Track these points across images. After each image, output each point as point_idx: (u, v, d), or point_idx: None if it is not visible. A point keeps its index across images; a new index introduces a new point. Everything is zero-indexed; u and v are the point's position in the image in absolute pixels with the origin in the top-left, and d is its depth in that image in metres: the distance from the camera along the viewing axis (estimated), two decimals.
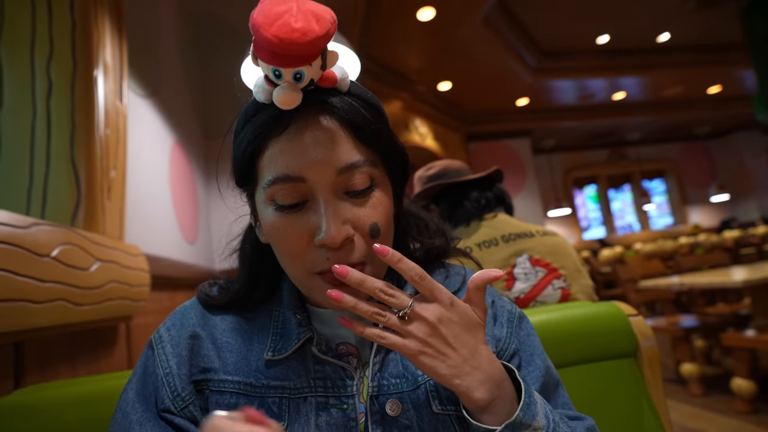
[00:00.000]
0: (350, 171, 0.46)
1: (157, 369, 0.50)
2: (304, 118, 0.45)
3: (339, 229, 0.44)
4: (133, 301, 1.14)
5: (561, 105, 7.29)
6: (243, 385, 0.49)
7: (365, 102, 0.49)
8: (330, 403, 0.48)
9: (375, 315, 0.43)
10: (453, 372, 0.43)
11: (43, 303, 0.76)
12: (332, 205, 0.45)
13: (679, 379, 3.03)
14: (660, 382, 0.81)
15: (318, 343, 0.50)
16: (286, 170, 0.45)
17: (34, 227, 0.76)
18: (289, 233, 0.46)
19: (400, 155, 0.53)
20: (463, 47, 4.94)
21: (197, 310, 0.55)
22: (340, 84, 0.46)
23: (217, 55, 2.58)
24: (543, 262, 1.01)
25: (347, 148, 0.46)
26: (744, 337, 2.37)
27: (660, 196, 10.00)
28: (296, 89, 0.42)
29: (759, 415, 2.35)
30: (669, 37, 5.57)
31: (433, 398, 0.49)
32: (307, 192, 0.46)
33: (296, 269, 0.48)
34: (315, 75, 0.43)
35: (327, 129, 0.45)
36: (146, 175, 1.60)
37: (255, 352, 0.51)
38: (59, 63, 1.01)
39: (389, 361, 0.51)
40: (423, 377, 0.50)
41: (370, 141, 0.48)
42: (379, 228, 0.48)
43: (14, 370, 0.79)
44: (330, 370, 0.49)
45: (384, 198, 0.49)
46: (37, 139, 0.98)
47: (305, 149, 0.45)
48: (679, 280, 2.84)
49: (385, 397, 0.48)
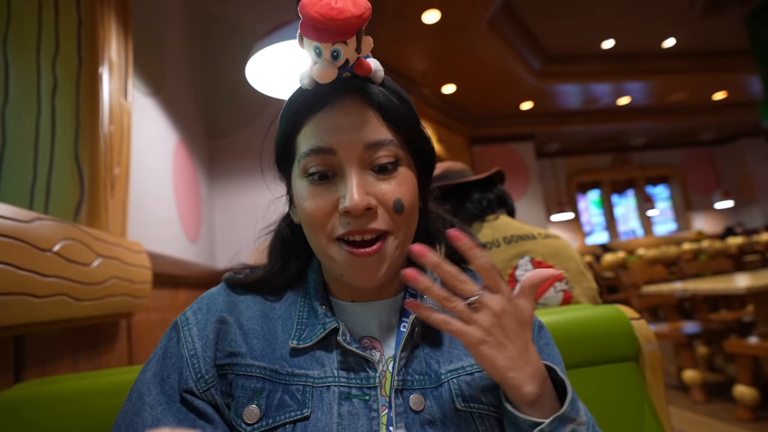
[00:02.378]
0: (377, 147, 0.49)
1: (182, 350, 0.50)
2: (339, 99, 0.50)
3: (362, 197, 0.47)
4: (134, 298, 1.14)
5: (565, 109, 7.29)
6: (268, 371, 0.50)
7: (397, 93, 0.53)
8: (353, 394, 0.49)
9: (444, 300, 0.45)
10: (509, 364, 0.45)
11: (45, 297, 0.77)
12: (358, 176, 0.48)
13: (681, 385, 3.01)
14: (662, 386, 0.81)
15: (344, 334, 0.51)
16: (319, 143, 0.49)
17: (36, 222, 0.77)
18: (317, 202, 0.49)
19: (426, 146, 0.56)
20: (468, 50, 4.95)
21: (224, 296, 0.56)
22: (374, 75, 0.51)
23: (222, 56, 2.59)
24: (545, 264, 1.01)
25: (376, 127, 0.50)
26: (747, 345, 2.35)
27: (664, 201, 9.97)
28: (332, 66, 0.48)
29: (761, 423, 2.33)
30: (674, 42, 5.56)
31: (456, 396, 0.50)
32: (337, 165, 0.49)
33: (319, 237, 0.50)
34: (350, 56, 0.48)
35: (358, 110, 0.50)
36: (150, 173, 1.60)
37: (280, 339, 0.52)
38: (65, 60, 1.02)
39: (414, 358, 0.52)
40: (446, 376, 0.51)
41: (398, 126, 0.51)
42: (403, 204, 0.50)
43: (15, 363, 0.79)
44: (353, 362, 0.50)
45: (409, 178, 0.52)
46: (41, 135, 0.99)
47: (337, 126, 0.49)
48: (682, 286, 2.82)
49: (409, 392, 0.49)
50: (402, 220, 0.50)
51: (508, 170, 7.34)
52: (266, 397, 0.48)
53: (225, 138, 2.53)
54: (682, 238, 9.18)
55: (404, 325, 0.53)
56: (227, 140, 2.53)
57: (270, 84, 1.58)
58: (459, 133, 6.87)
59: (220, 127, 2.53)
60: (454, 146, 6.59)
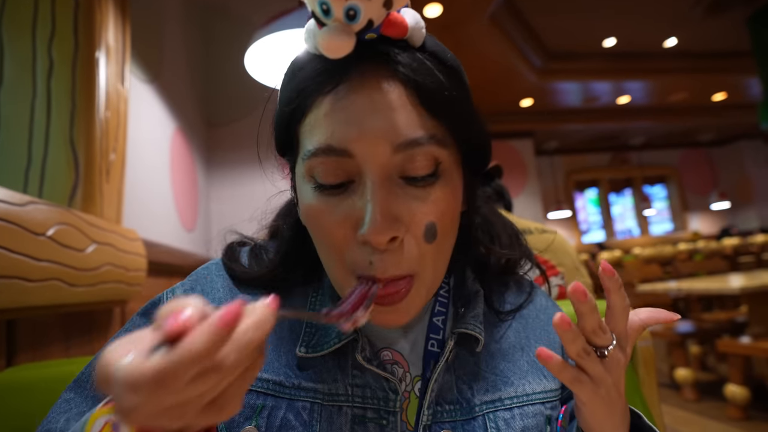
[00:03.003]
0: (410, 149, 0.36)
1: None
2: (360, 75, 0.36)
3: (386, 224, 0.35)
4: (128, 285, 1.13)
5: (565, 107, 7.28)
6: (271, 384, 0.42)
7: (442, 63, 0.39)
8: (368, 417, 0.41)
9: (583, 354, 0.35)
10: (612, 422, 0.37)
11: (38, 282, 0.76)
12: (382, 192, 0.36)
13: (673, 384, 3.03)
14: (654, 383, 0.81)
15: (362, 349, 0.42)
16: (330, 140, 0.36)
17: (30, 205, 0.76)
18: (328, 220, 0.38)
19: (479, 136, 0.43)
20: (469, 45, 4.92)
21: (224, 280, 0.47)
22: (411, 35, 0.36)
23: (221, 44, 2.57)
24: (541, 259, 1.01)
25: (410, 119, 0.36)
26: (739, 344, 2.37)
27: (661, 201, 10.00)
28: (348, 32, 0.32)
29: (752, 422, 2.36)
30: (676, 42, 5.55)
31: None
32: (354, 171, 0.37)
33: (334, 266, 0.40)
34: (375, 15, 0.32)
35: (387, 91, 0.36)
36: (146, 161, 1.59)
37: (286, 343, 0.44)
38: (61, 43, 1.01)
39: (443, 383, 0.44)
40: (480, 408, 0.43)
41: (441, 112, 0.38)
42: (437, 230, 0.38)
43: (6, 347, 0.79)
44: (371, 379, 0.42)
45: (449, 191, 0.39)
46: (36, 118, 0.98)
47: (356, 115, 0.36)
48: (676, 285, 2.84)
49: (439, 426, 0.42)
50: (432, 249, 0.39)
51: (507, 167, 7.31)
52: (267, 417, 0.40)
53: (223, 127, 2.52)
54: (678, 238, 9.22)
55: (432, 343, 0.45)
56: (225, 130, 2.52)
57: (269, 74, 1.57)
58: None
59: (218, 116, 2.52)
60: None
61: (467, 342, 0.46)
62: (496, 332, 0.48)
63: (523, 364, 0.47)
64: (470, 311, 0.46)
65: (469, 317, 0.45)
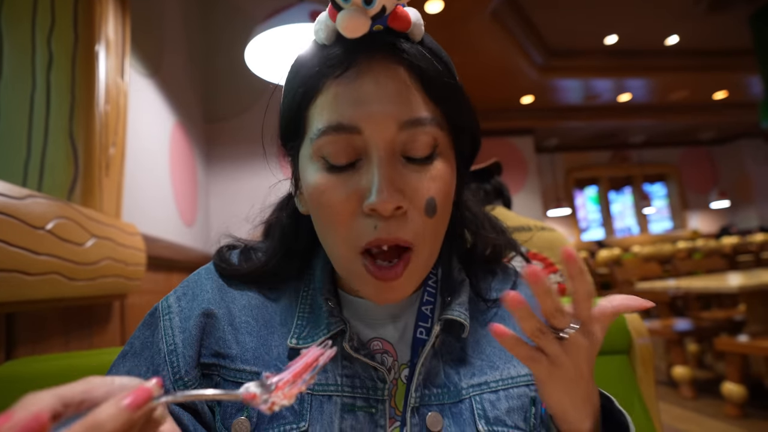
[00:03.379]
0: (414, 128, 0.40)
1: (160, 343, 0.44)
2: (368, 60, 0.39)
3: (392, 194, 0.38)
4: (128, 280, 1.13)
5: (566, 104, 7.27)
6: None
7: (438, 56, 0.43)
8: (357, 405, 0.43)
9: (538, 333, 0.36)
10: (575, 403, 0.38)
11: (37, 275, 0.76)
12: (388, 166, 0.39)
13: (670, 381, 3.05)
14: (652, 380, 0.81)
15: (350, 339, 0.44)
16: (341, 118, 0.39)
17: (29, 199, 0.76)
18: (335, 195, 0.40)
19: (471, 123, 0.47)
20: (471, 41, 4.91)
21: (213, 281, 0.48)
22: (413, 29, 0.40)
23: (221, 38, 2.56)
24: (540, 256, 1.01)
25: (414, 101, 0.40)
26: (737, 343, 2.38)
27: (660, 200, 10.00)
28: (365, 15, 0.36)
29: (748, 420, 2.37)
30: (677, 40, 5.54)
31: (479, 417, 0.44)
32: (361, 148, 0.40)
33: (339, 243, 0.42)
34: (388, 2, 0.37)
35: (393, 76, 0.40)
36: (146, 155, 1.59)
37: (277, 336, 0.46)
38: (60, 35, 1.00)
39: (431, 368, 0.46)
40: (467, 391, 0.45)
41: (440, 98, 0.42)
42: (437, 205, 0.41)
43: (6, 341, 0.79)
44: (360, 369, 0.44)
45: (446, 171, 0.43)
46: (35, 111, 0.97)
47: (364, 96, 0.39)
48: (675, 283, 2.84)
49: (426, 409, 0.43)
50: (431, 225, 0.42)
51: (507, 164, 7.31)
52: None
53: (223, 122, 2.51)
54: (677, 237, 9.23)
55: (421, 331, 0.47)
56: (226, 125, 2.51)
57: (269, 69, 1.57)
58: None
59: (218, 111, 2.51)
60: None
61: (454, 328, 0.48)
62: (482, 319, 0.51)
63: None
64: (456, 299, 0.48)
65: (455, 305, 0.47)
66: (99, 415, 0.24)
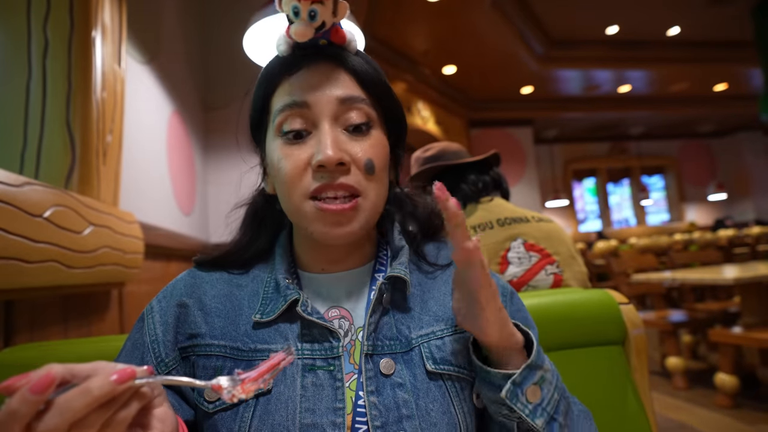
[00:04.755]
0: (350, 103, 0.51)
1: (144, 337, 0.51)
2: (315, 63, 0.52)
3: (336, 150, 0.48)
4: (126, 268, 1.14)
5: (565, 95, 7.23)
6: (230, 349, 0.50)
7: (369, 63, 0.54)
8: (317, 365, 0.49)
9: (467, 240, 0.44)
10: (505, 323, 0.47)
11: (35, 263, 0.76)
12: (332, 132, 0.49)
13: (664, 372, 3.08)
14: (646, 370, 0.82)
15: (303, 304, 0.51)
16: (295, 97, 0.50)
17: (26, 186, 0.76)
18: (291, 160, 0.50)
19: (398, 112, 0.57)
20: (471, 31, 4.87)
21: (186, 280, 0.56)
22: (349, 44, 0.53)
23: (219, 26, 2.53)
24: (537, 247, 1.01)
25: (350, 85, 0.51)
26: (731, 334, 2.40)
27: (658, 192, 10.01)
28: (310, 25, 0.49)
29: (740, 410, 2.40)
30: (679, 30, 5.50)
31: (427, 358, 0.51)
32: (310, 121, 0.50)
33: (293, 196, 0.50)
34: (327, 18, 0.50)
35: (333, 71, 0.51)
36: (143, 143, 1.58)
37: (244, 316, 0.52)
38: (56, 22, 0.99)
39: (383, 324, 0.52)
40: (417, 340, 0.52)
41: (370, 89, 0.53)
42: (374, 165, 0.51)
43: (4, 328, 0.79)
44: (317, 333, 0.50)
45: (381, 141, 0.53)
46: (32, 99, 0.97)
47: (312, 82, 0.51)
48: (671, 275, 2.86)
49: (379, 357, 0.50)
50: (373, 181, 0.51)
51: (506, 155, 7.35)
52: (227, 374, 0.47)
53: (221, 110, 2.50)
54: (674, 229, 9.26)
55: (373, 292, 0.54)
56: (223, 113, 2.49)
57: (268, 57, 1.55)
58: (458, 116, 6.82)
59: (216, 99, 2.50)
60: (453, 128, 6.55)
61: (400, 286, 0.55)
62: (429, 284, 0.58)
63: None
64: (397, 260, 0.56)
65: (396, 264, 0.55)
66: (90, 383, 0.31)
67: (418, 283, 0.57)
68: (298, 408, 0.46)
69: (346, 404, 0.47)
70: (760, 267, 2.72)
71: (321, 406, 0.47)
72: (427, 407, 0.48)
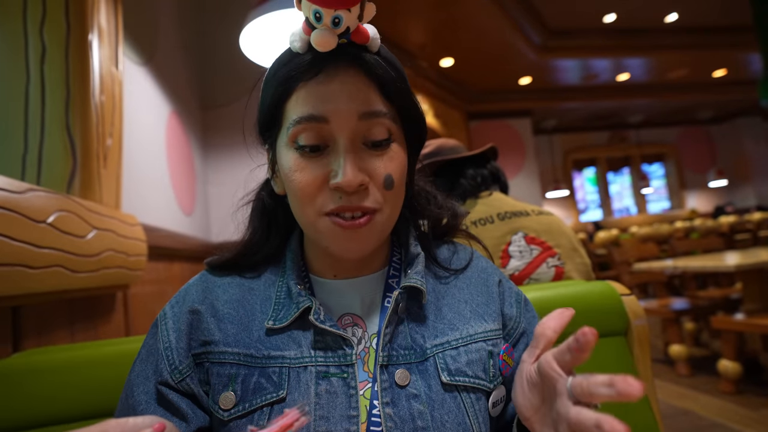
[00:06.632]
0: (371, 119, 0.48)
1: (158, 344, 0.51)
2: (335, 67, 0.47)
3: (356, 174, 0.46)
4: (130, 270, 1.14)
5: (564, 85, 7.21)
6: (243, 356, 0.49)
7: (393, 65, 0.51)
8: (331, 372, 0.48)
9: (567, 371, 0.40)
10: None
11: (40, 269, 0.77)
12: (351, 151, 0.47)
13: (667, 359, 3.09)
14: (648, 360, 0.83)
15: (316, 312, 0.50)
16: (312, 110, 0.47)
17: (29, 193, 0.76)
18: (306, 175, 0.48)
19: (419, 118, 0.55)
20: (468, 22, 4.84)
21: (198, 286, 0.56)
22: (371, 42, 0.49)
23: (216, 24, 2.52)
24: (538, 240, 1.02)
25: (371, 98, 0.48)
26: (733, 321, 2.41)
27: (659, 180, 10.01)
28: (333, 33, 0.45)
29: (743, 396, 2.41)
30: (677, 17, 5.46)
31: (442, 369, 0.50)
32: (329, 135, 0.48)
33: (307, 211, 0.49)
34: (352, 23, 0.45)
35: (354, 79, 0.48)
36: (142, 145, 1.58)
37: (257, 322, 0.52)
38: (52, 26, 0.99)
39: (398, 333, 0.51)
40: (431, 350, 0.51)
41: (393, 97, 0.50)
42: (393, 180, 0.49)
43: (12, 333, 0.80)
44: (331, 340, 0.50)
45: (400, 154, 0.51)
46: (31, 104, 0.97)
47: (332, 94, 0.47)
48: (672, 263, 2.87)
49: (395, 367, 0.49)
50: (390, 195, 0.49)
51: (505, 147, 7.34)
52: (241, 382, 0.48)
53: (219, 110, 2.49)
54: (675, 217, 9.26)
55: (389, 300, 0.53)
56: (222, 112, 2.49)
57: (265, 54, 1.55)
58: (456, 108, 6.80)
59: (214, 98, 2.49)
60: (451, 121, 6.53)
61: (415, 295, 0.54)
62: (443, 290, 0.57)
63: (467, 313, 0.55)
64: (413, 269, 0.55)
65: (412, 273, 0.54)
66: None
67: (432, 289, 0.56)
68: (312, 415, 0.46)
69: (360, 413, 0.47)
70: (762, 253, 2.72)
71: (335, 414, 0.46)
72: (442, 419, 0.48)
